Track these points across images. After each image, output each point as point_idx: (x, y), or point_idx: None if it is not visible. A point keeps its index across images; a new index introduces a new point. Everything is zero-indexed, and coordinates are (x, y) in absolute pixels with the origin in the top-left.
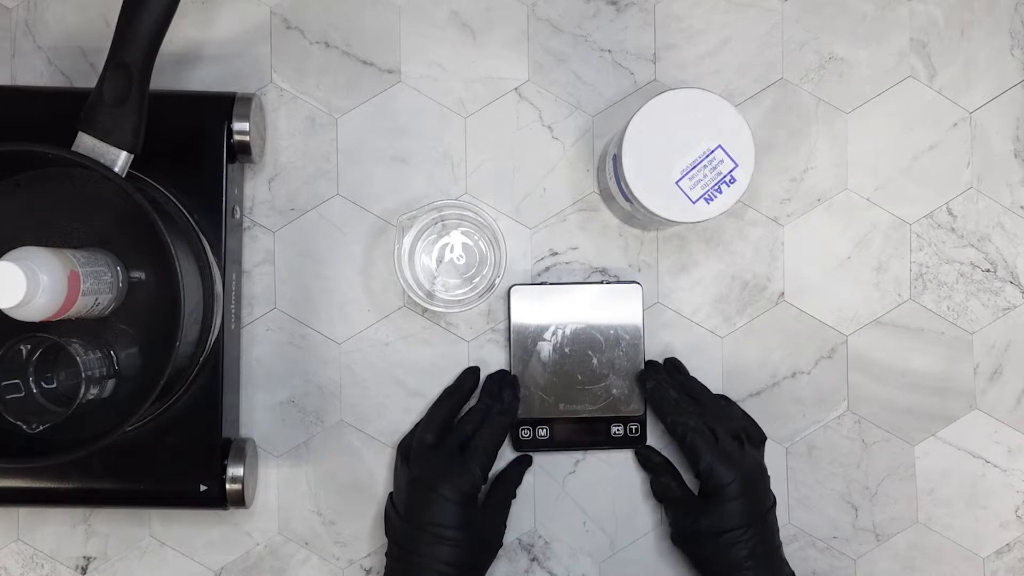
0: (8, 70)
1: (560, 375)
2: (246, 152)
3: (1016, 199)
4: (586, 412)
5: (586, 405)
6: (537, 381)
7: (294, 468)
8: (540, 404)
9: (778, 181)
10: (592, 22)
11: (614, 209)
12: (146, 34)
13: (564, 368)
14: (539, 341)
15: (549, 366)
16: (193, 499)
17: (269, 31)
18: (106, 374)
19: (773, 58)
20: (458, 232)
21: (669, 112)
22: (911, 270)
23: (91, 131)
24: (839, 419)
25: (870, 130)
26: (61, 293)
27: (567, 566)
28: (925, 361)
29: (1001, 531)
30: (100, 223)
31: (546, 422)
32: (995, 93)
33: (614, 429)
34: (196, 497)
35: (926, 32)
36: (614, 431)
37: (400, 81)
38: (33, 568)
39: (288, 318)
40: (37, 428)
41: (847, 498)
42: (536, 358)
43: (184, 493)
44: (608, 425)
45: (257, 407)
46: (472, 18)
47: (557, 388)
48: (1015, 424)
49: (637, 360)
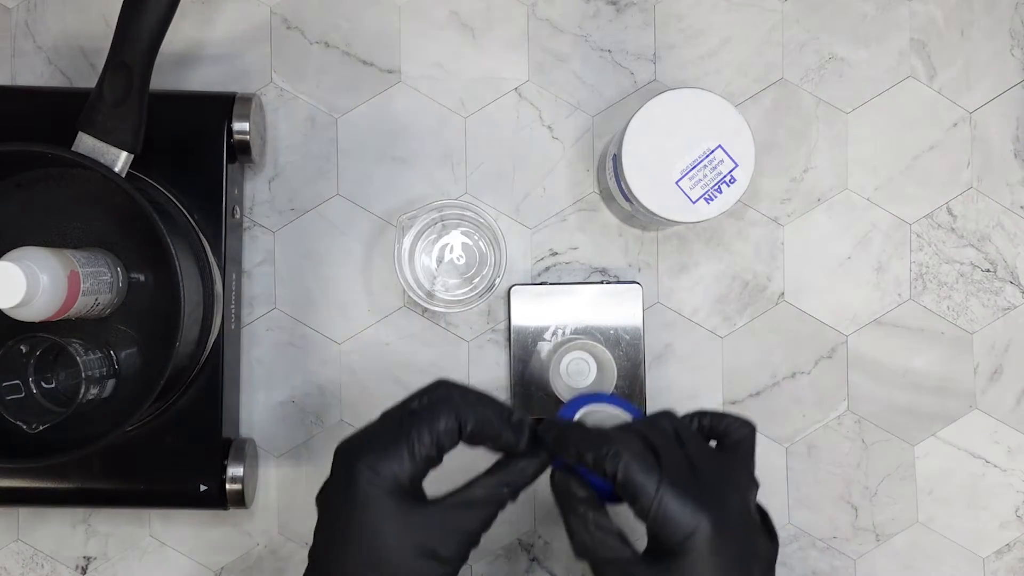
0: (8, 70)
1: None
2: (246, 152)
3: (1016, 199)
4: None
5: None
6: (537, 381)
7: (294, 468)
8: (540, 404)
9: (778, 181)
10: (592, 22)
11: (614, 209)
12: (146, 34)
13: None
14: (539, 341)
15: (549, 366)
16: (193, 499)
17: (269, 31)
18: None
19: (773, 58)
20: (458, 232)
21: (669, 112)
22: (911, 270)
23: (91, 131)
24: (839, 419)
25: (870, 130)
26: (61, 293)
27: (567, 566)
28: (925, 361)
29: (1001, 531)
30: (100, 223)
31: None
32: (995, 93)
33: None
34: (196, 497)
35: (926, 32)
36: None
37: (400, 81)
38: (33, 568)
39: (288, 318)
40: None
41: (847, 498)
42: (536, 358)
43: (184, 493)
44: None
45: (257, 407)
46: (472, 18)
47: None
48: (1015, 424)
49: (637, 360)
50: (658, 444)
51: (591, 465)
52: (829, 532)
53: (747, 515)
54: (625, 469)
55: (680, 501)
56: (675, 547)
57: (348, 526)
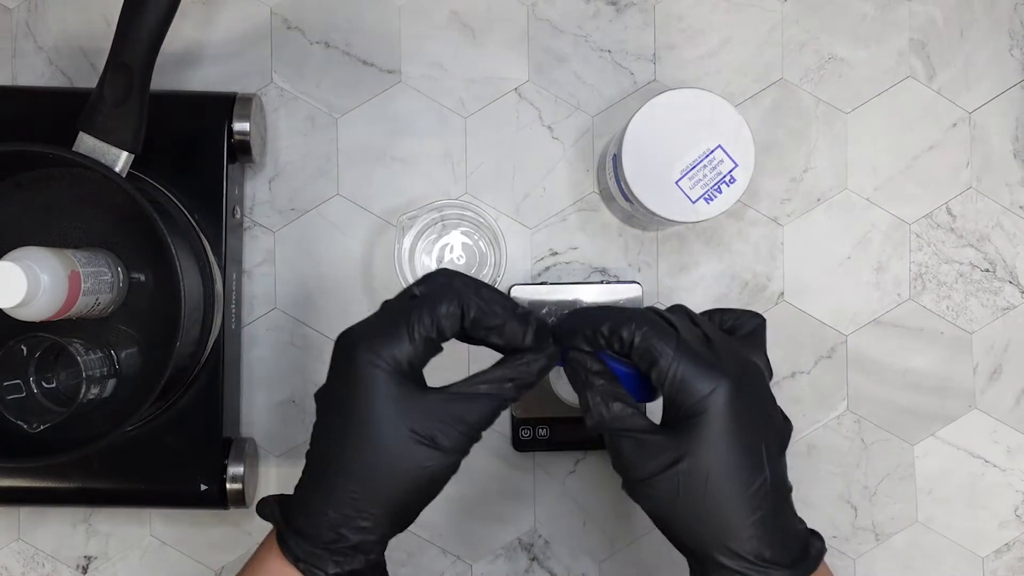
0: (9, 70)
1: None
2: (246, 152)
3: (1015, 199)
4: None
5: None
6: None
7: (294, 468)
8: (540, 404)
9: (778, 181)
10: (592, 22)
11: (614, 209)
12: (147, 34)
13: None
14: None
15: None
16: (194, 499)
17: (269, 31)
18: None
19: (773, 58)
20: (458, 232)
21: (669, 112)
22: (911, 270)
23: (92, 131)
24: (839, 419)
25: (870, 130)
26: (62, 293)
27: (567, 566)
28: (924, 361)
29: (1000, 531)
30: (101, 223)
31: (546, 422)
32: (994, 93)
33: None
34: (197, 497)
35: (926, 32)
36: None
37: (400, 81)
38: (34, 568)
39: (288, 318)
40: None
41: (847, 498)
42: None
43: (185, 493)
44: None
45: (257, 407)
46: (472, 18)
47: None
48: (1014, 424)
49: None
50: (674, 320)
51: (608, 335)
52: (829, 531)
53: (765, 388)
54: (643, 334)
55: (699, 363)
56: (692, 409)
57: (346, 409)
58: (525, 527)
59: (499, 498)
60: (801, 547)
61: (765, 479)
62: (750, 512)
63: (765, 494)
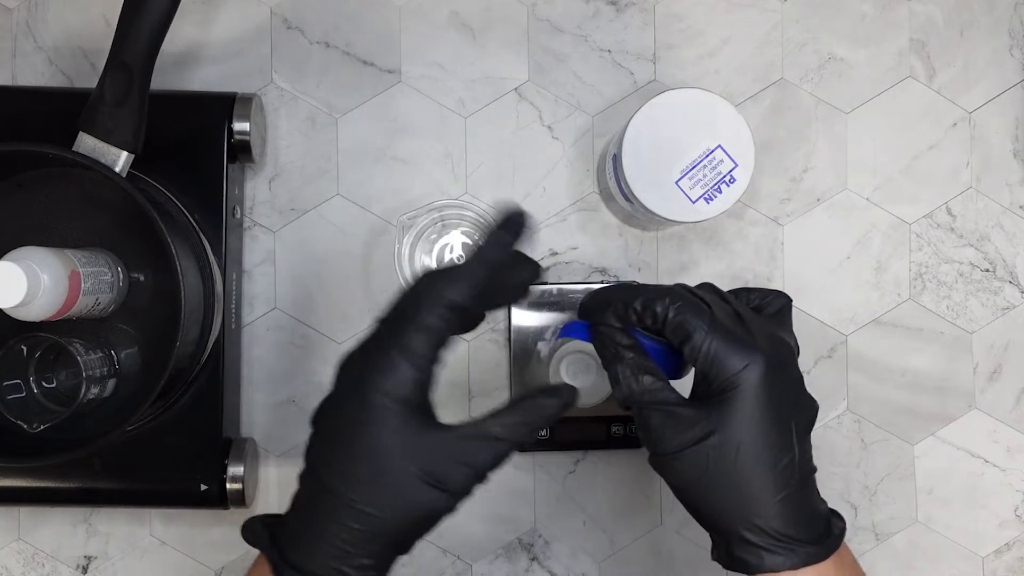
0: (9, 70)
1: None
2: (246, 152)
3: (1015, 199)
4: (586, 412)
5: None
6: (537, 381)
7: (294, 468)
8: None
9: (778, 181)
10: (592, 22)
11: (614, 209)
12: (147, 34)
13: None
14: (539, 341)
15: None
16: (194, 499)
17: (269, 31)
18: (107, 374)
19: (773, 58)
20: (458, 232)
21: (669, 112)
22: (910, 270)
23: (92, 131)
24: (838, 419)
25: (870, 130)
26: (62, 293)
27: (567, 566)
28: (924, 361)
29: (1000, 530)
30: (101, 223)
31: None
32: (994, 93)
33: (614, 429)
34: (197, 497)
35: (925, 32)
36: (614, 431)
37: (400, 81)
38: (34, 567)
39: (288, 318)
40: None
41: (846, 497)
42: (536, 358)
43: (185, 493)
44: (608, 425)
45: (257, 407)
46: (472, 18)
47: None
48: (1014, 424)
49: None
50: (705, 296)
51: (640, 310)
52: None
53: (795, 367)
54: (677, 308)
55: (732, 339)
56: (725, 384)
57: (350, 442)
58: (525, 527)
59: (499, 498)
60: (824, 525)
61: (793, 457)
62: (777, 489)
63: (792, 472)
